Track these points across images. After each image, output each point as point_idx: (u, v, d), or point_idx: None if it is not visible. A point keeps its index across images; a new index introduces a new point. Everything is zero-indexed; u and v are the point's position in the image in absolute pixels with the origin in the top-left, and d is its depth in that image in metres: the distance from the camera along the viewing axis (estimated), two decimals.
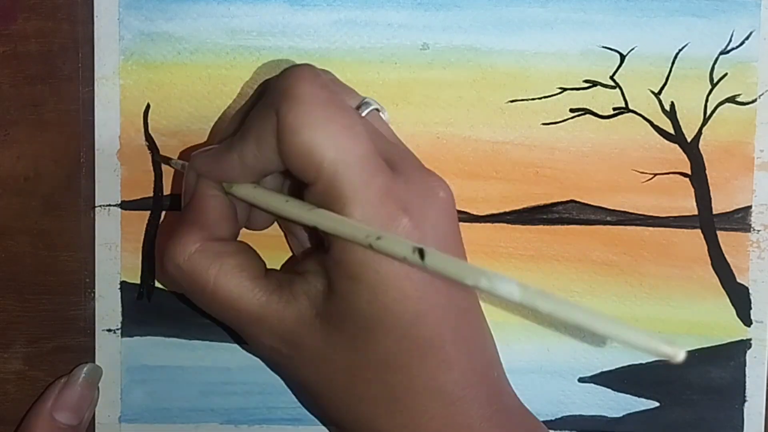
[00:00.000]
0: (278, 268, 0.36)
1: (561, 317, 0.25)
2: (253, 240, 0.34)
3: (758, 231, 0.36)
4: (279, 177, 0.33)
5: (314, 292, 0.30)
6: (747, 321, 0.36)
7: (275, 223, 0.36)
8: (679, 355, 0.23)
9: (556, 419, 0.36)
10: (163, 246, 0.31)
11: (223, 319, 0.32)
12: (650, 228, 0.36)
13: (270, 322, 0.30)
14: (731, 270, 0.36)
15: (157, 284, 0.36)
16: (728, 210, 0.36)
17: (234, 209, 0.32)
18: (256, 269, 0.31)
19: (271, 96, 0.30)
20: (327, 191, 0.29)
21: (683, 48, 0.36)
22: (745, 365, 0.36)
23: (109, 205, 0.36)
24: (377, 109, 0.32)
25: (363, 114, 0.32)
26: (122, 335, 0.36)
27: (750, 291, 0.36)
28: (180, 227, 0.32)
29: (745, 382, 0.36)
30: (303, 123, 0.28)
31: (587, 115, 0.36)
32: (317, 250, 0.32)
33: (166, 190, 0.36)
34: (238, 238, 0.33)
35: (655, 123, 0.36)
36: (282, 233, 0.36)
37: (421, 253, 0.27)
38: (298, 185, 0.30)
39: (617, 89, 0.36)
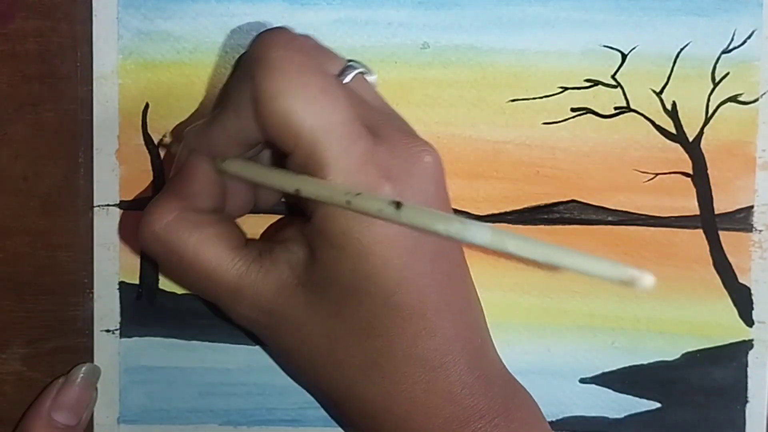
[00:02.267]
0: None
1: (528, 256, 0.25)
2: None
3: (760, 231, 0.36)
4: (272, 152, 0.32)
5: (296, 260, 0.30)
6: (749, 321, 0.36)
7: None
8: (646, 280, 0.23)
9: (557, 420, 0.36)
10: (141, 215, 0.31)
11: (200, 291, 0.31)
12: (652, 228, 0.36)
13: (249, 292, 0.30)
14: (733, 270, 0.36)
15: (160, 286, 0.36)
16: (730, 210, 0.36)
17: (220, 184, 0.32)
18: (236, 239, 0.31)
19: (246, 63, 0.29)
20: (307, 160, 0.28)
21: (685, 47, 0.36)
22: (746, 366, 0.36)
23: (108, 205, 0.36)
24: (362, 72, 0.32)
25: (346, 79, 0.31)
26: (121, 336, 0.36)
27: (752, 291, 0.36)
28: (160, 195, 0.31)
29: (746, 383, 0.36)
30: (278, 90, 0.28)
31: (588, 115, 0.36)
32: (299, 218, 0.31)
33: None
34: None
35: (657, 122, 0.36)
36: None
37: (398, 205, 0.26)
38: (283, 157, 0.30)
39: (618, 88, 0.36)
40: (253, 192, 0.34)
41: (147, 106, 0.36)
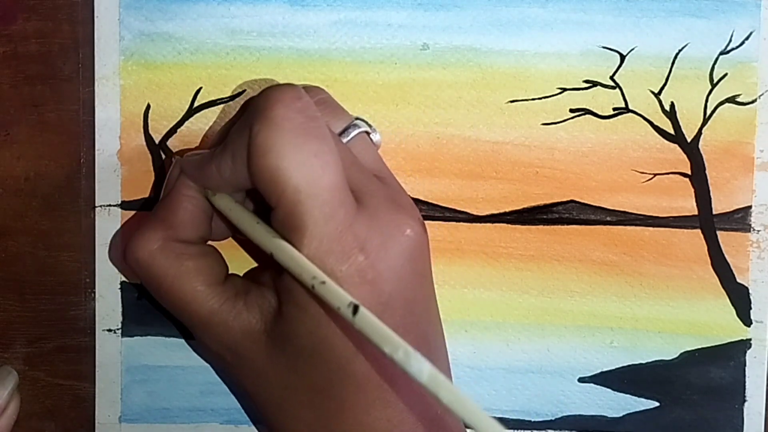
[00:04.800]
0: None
1: (457, 412, 0.26)
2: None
3: (758, 231, 0.36)
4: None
5: (267, 307, 0.31)
6: (747, 321, 0.36)
7: None
8: None
9: (556, 419, 0.36)
10: (129, 236, 0.32)
11: (176, 317, 0.32)
12: (650, 228, 0.36)
13: (217, 330, 0.31)
14: (731, 270, 0.36)
15: None
16: (728, 210, 0.36)
17: (207, 214, 0.32)
18: (215, 275, 0.32)
19: (248, 113, 0.30)
20: (287, 219, 0.29)
21: (683, 48, 0.36)
22: (744, 365, 0.36)
23: (110, 206, 0.36)
24: (367, 132, 0.32)
25: (348, 138, 0.32)
26: (122, 335, 0.36)
27: (750, 291, 0.36)
28: (148, 221, 0.32)
29: (744, 382, 0.36)
30: (271, 146, 0.28)
31: (587, 116, 0.36)
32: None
33: None
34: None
35: (655, 123, 0.36)
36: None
37: (355, 310, 0.27)
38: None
39: (617, 89, 0.36)
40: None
41: (148, 106, 0.36)
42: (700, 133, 0.36)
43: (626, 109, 0.36)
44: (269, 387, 0.31)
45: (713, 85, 0.36)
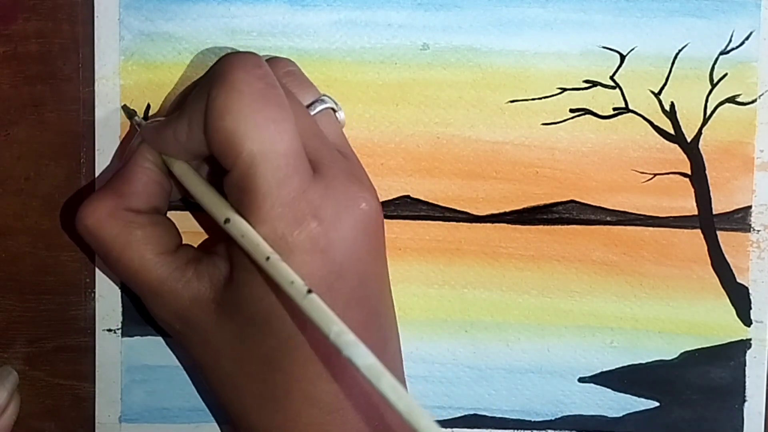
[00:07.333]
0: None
1: (391, 401, 0.25)
2: None
3: (758, 231, 0.36)
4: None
5: (217, 276, 0.30)
6: (747, 321, 0.36)
7: None
8: None
9: (556, 419, 0.36)
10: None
11: (128, 285, 0.32)
12: (650, 228, 0.36)
13: (167, 298, 0.31)
14: (731, 270, 0.36)
15: None
16: (728, 210, 0.36)
17: (163, 187, 0.32)
18: (164, 244, 0.31)
19: (206, 78, 0.30)
20: (240, 181, 0.29)
21: (683, 48, 0.36)
22: (745, 365, 0.36)
23: None
24: (333, 109, 0.33)
25: (314, 111, 0.32)
26: (122, 335, 0.36)
27: (750, 291, 0.36)
28: (100, 189, 0.32)
29: (744, 382, 0.36)
30: (229, 109, 0.28)
31: (587, 116, 0.36)
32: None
33: None
34: None
35: (655, 123, 0.36)
36: None
37: (308, 291, 0.27)
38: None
39: (617, 89, 0.36)
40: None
41: (148, 106, 0.36)
42: (700, 133, 0.36)
43: (626, 109, 0.36)
44: (218, 358, 0.31)
45: (713, 85, 0.36)
